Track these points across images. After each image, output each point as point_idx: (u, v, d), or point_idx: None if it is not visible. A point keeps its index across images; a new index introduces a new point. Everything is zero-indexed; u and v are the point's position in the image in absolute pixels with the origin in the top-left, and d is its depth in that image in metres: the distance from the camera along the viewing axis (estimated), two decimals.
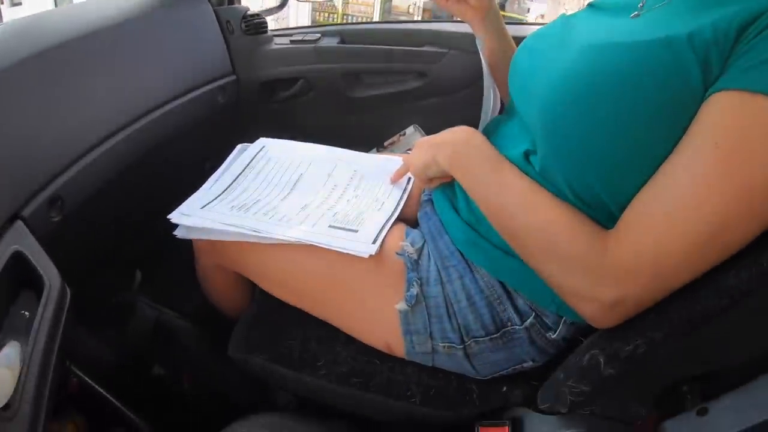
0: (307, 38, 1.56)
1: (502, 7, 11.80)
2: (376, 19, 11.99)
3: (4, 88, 0.84)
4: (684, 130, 0.58)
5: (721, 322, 0.56)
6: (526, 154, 0.74)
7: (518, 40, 0.98)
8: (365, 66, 1.55)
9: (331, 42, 1.56)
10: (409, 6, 12.13)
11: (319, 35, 1.57)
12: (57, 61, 0.96)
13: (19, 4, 15.07)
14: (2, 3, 15.53)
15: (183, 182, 1.06)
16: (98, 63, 1.06)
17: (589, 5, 0.87)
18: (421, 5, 11.82)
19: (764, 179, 0.52)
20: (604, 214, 0.66)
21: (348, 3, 12.20)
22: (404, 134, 1.45)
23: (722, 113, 0.55)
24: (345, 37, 1.59)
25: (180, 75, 1.30)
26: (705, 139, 0.56)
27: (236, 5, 1.55)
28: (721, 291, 0.55)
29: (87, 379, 0.92)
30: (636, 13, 0.73)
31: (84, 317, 0.77)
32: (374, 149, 1.46)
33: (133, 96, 1.13)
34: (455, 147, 0.79)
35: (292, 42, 1.57)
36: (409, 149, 1.42)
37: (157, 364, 1.14)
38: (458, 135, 0.81)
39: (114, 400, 0.97)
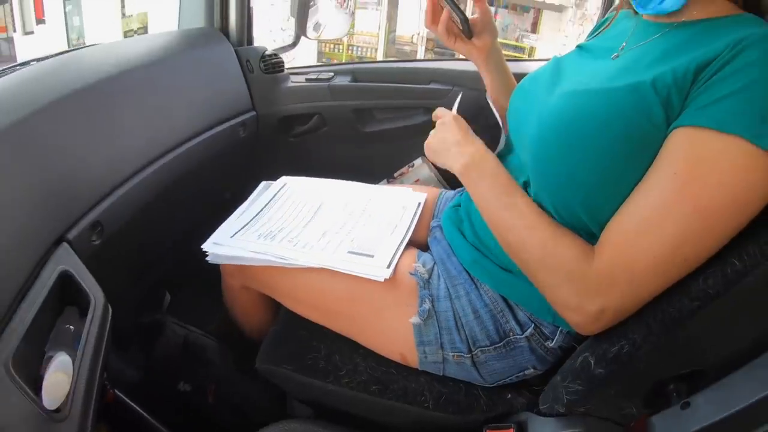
0: (321, 77, 1.66)
1: (503, 32, 12.02)
2: (380, 48, 12.21)
3: (51, 122, 0.91)
4: (651, 161, 0.68)
5: (693, 323, 0.64)
6: (525, 185, 0.84)
7: (518, 76, 1.07)
8: (376, 103, 1.64)
9: (344, 80, 1.65)
10: (413, 36, 12.35)
11: (332, 74, 1.66)
12: (97, 97, 1.04)
13: (31, 33, 15.33)
14: (15, 31, 15.81)
15: (207, 209, 1.15)
16: (133, 99, 1.14)
17: (578, 47, 0.97)
18: (425, 35, 12.03)
19: (717, 202, 0.61)
20: (586, 234, 0.75)
21: (353, 34, 12.43)
22: (413, 166, 1.54)
23: (680, 147, 0.65)
24: (357, 75, 1.67)
25: (205, 111, 1.38)
26: (666, 169, 0.65)
27: (255, 46, 1.64)
28: (691, 295, 0.64)
29: (116, 390, 0.99)
30: (616, 54, 0.83)
31: (114, 334, 0.83)
32: (385, 180, 1.55)
33: (164, 130, 1.21)
34: (471, 159, 0.87)
35: (307, 80, 1.66)
36: (418, 180, 1.52)
37: (182, 380, 1.21)
38: (475, 149, 0.89)
39: (143, 413, 1.03)
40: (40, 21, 14.83)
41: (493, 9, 11.82)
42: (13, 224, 0.76)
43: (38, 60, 1.32)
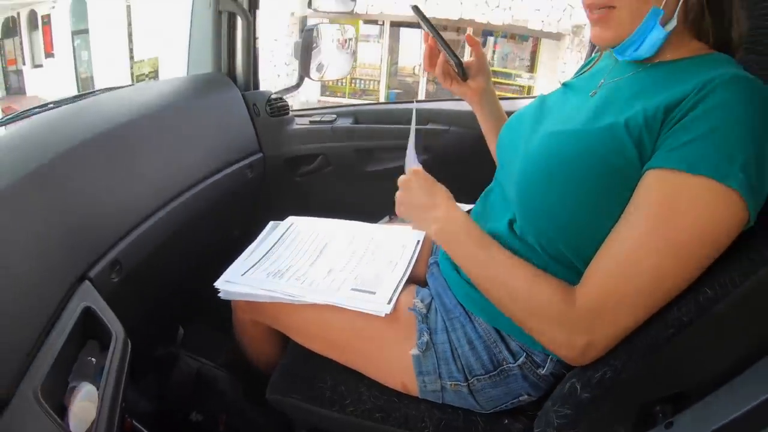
0: (324, 119, 1.74)
1: (503, 61, 12.18)
2: (383, 80, 12.38)
3: (74, 166, 0.98)
4: (629, 198, 0.73)
5: (669, 349, 0.70)
6: (510, 223, 0.90)
7: (511, 114, 1.11)
8: (376, 143, 1.71)
9: (346, 122, 1.73)
10: (414, 67, 12.51)
11: (335, 116, 1.75)
12: (115, 141, 1.11)
13: (40, 66, 15.57)
14: (24, 64, 16.05)
15: (217, 247, 1.21)
16: (148, 144, 1.21)
17: (563, 85, 1.03)
18: None
19: (690, 239, 0.67)
20: (572, 270, 0.81)
21: (355, 67, 12.61)
22: None
23: (653, 188, 0.70)
24: (358, 117, 1.76)
25: (215, 153, 1.46)
26: (641, 209, 0.71)
27: (261, 90, 1.73)
28: (667, 323, 0.70)
29: (133, 420, 1.04)
30: (594, 91, 0.89)
31: (130, 366, 0.87)
32: (386, 217, 1.62)
33: (177, 173, 1.28)
34: (442, 225, 0.89)
35: (311, 122, 1.74)
36: None
37: (194, 410, 1.26)
38: (443, 212, 0.89)
39: None
40: (49, 55, 15.18)
41: (492, 39, 12.03)
42: (41, 263, 0.82)
43: (56, 103, 1.41)
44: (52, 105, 1.42)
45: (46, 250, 0.85)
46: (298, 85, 1.93)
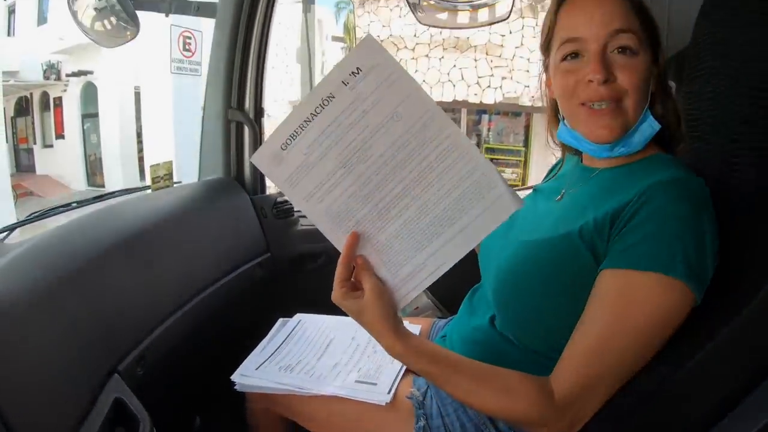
0: None
1: (499, 137, 12.48)
2: None
3: (103, 269, 1.09)
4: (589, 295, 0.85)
5: (632, 419, 0.80)
6: (491, 319, 1.03)
7: None
8: None
9: None
10: None
11: None
12: (138, 246, 1.24)
13: (51, 146, 15.92)
14: (35, 143, 16.39)
15: (231, 341, 1.31)
16: (167, 248, 1.34)
17: (534, 190, 1.17)
18: None
19: (644, 325, 0.79)
20: (546, 359, 0.90)
21: None
22: None
23: (608, 285, 0.82)
24: None
25: (227, 255, 1.59)
26: (601, 304, 0.83)
27: (268, 194, 1.87)
28: (626, 394, 0.81)
29: None
30: (559, 196, 1.03)
31: None
32: None
33: (193, 274, 1.41)
34: (390, 351, 0.86)
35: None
36: (417, 308, 1.70)
37: None
38: (390, 346, 0.85)
39: None
40: (59, 136, 15.67)
41: (486, 116, 12.38)
42: (76, 359, 0.93)
43: (78, 203, 1.55)
44: (75, 204, 1.58)
45: (80, 347, 0.96)
46: None
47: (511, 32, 10.23)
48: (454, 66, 10.49)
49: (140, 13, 1.67)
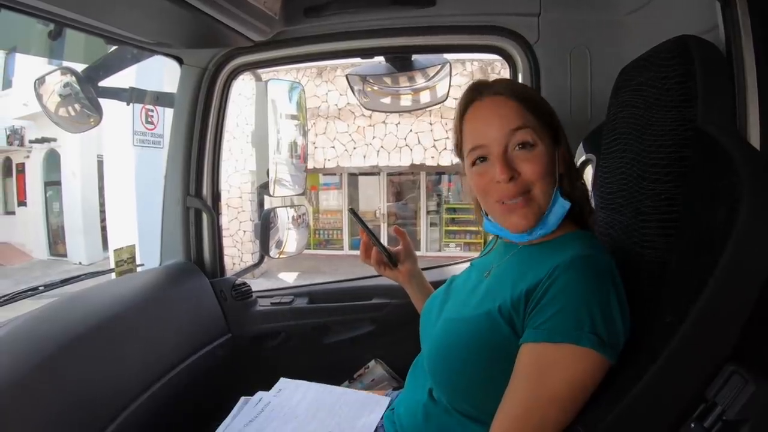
0: (283, 300, 1.95)
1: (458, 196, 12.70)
2: (345, 227, 12.84)
3: (72, 356, 1.16)
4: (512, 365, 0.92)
5: None
6: (430, 391, 1.10)
7: (439, 284, 1.32)
8: (330, 319, 1.92)
9: (302, 302, 1.94)
10: (375, 211, 12.92)
11: (292, 297, 1.96)
12: (103, 333, 1.31)
13: (12, 213, 15.39)
14: None
15: (195, 421, 1.40)
16: (131, 334, 1.40)
17: (471, 264, 1.27)
18: (385, 211, 12.66)
19: (563, 391, 0.86)
20: (479, 423, 0.98)
21: (318, 218, 13.10)
22: (368, 367, 1.84)
23: (528, 358, 0.90)
24: (312, 296, 1.98)
25: (190, 338, 1.65)
26: (522, 376, 0.90)
27: (227, 277, 1.95)
28: None
29: None
30: (487, 273, 1.12)
31: None
32: (346, 381, 1.81)
33: (155, 359, 1.46)
34: None
35: (272, 304, 1.95)
36: (373, 379, 1.77)
37: None
38: None
39: None
40: (21, 203, 15.33)
41: (446, 177, 12.64)
42: None
43: (46, 287, 1.61)
44: (42, 288, 1.62)
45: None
46: (258, 264, 2.18)
47: None
48: (411, 131, 10.78)
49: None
